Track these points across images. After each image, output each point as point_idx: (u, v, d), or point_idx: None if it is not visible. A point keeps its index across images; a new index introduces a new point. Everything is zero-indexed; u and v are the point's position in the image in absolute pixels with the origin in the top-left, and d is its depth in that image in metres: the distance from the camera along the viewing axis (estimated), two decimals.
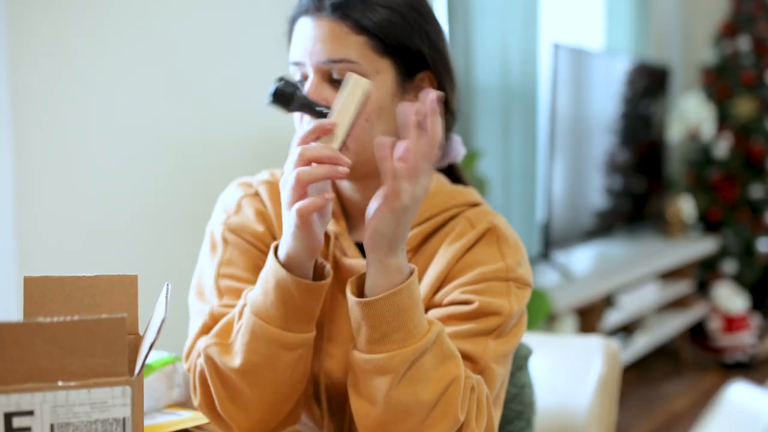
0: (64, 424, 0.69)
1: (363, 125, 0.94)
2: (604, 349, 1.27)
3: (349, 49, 0.94)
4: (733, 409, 0.48)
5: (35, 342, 0.69)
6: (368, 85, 0.91)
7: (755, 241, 3.87)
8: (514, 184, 3.02)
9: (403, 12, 0.97)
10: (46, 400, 0.69)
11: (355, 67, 0.94)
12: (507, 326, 0.96)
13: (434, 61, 0.99)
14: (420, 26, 0.98)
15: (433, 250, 1.00)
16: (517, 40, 2.96)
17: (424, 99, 0.84)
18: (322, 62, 0.95)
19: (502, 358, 0.96)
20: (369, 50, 0.95)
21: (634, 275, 3.14)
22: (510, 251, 0.99)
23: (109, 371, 0.71)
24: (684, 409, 3.27)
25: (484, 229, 1.00)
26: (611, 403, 1.26)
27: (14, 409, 0.68)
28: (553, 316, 2.67)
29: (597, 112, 3.35)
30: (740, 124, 3.89)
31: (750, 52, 3.89)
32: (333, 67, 0.94)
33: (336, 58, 0.94)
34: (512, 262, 0.99)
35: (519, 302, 0.98)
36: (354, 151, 0.95)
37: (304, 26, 0.97)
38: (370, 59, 0.95)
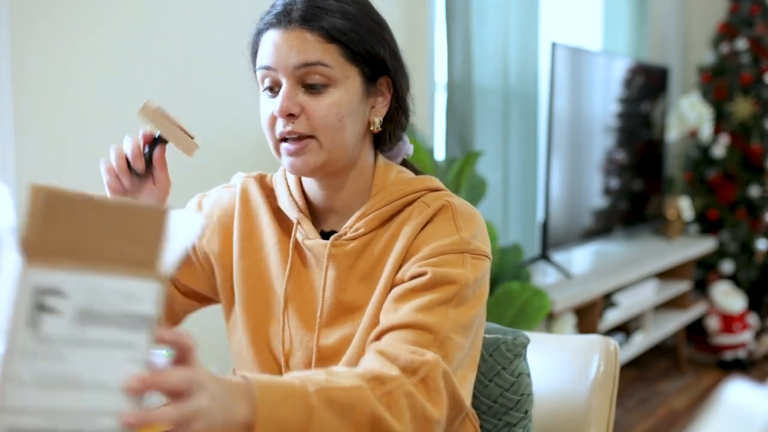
0: (93, 311, 0.64)
1: (336, 125, 1.01)
2: (602, 348, 1.28)
3: (322, 54, 1.01)
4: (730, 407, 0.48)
5: (86, 217, 0.65)
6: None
7: (753, 240, 3.88)
8: (513, 184, 3.03)
9: (365, 22, 1.05)
10: (81, 283, 0.64)
11: (328, 71, 1.01)
12: (465, 295, 0.99)
13: (393, 67, 1.07)
14: (379, 35, 1.07)
15: (395, 233, 1.05)
16: (517, 41, 2.97)
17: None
18: (297, 66, 1.01)
19: (462, 329, 0.97)
20: (339, 57, 1.02)
21: (632, 275, 3.15)
22: (465, 224, 1.03)
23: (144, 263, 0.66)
24: (682, 407, 3.28)
25: (439, 206, 1.05)
26: (610, 402, 1.27)
27: (46, 286, 0.63)
28: (552, 316, 2.68)
29: (596, 112, 3.36)
30: (738, 125, 3.90)
31: (748, 53, 3.89)
32: (308, 71, 1.01)
33: (311, 61, 1.00)
34: (467, 234, 1.02)
35: (475, 272, 1.00)
36: (327, 149, 1.02)
37: (274, 36, 1.03)
38: (340, 65, 1.02)
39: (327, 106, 1.01)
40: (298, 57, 1.00)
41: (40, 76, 1.72)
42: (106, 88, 1.84)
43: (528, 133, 3.09)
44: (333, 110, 1.01)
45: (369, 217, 1.06)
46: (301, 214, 1.10)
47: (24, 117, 1.69)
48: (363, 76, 1.04)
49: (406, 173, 1.11)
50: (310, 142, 1.02)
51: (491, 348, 1.20)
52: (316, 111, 1.01)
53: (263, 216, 1.14)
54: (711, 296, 3.83)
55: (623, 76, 3.53)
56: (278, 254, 1.11)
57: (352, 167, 1.08)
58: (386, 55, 1.06)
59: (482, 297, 1.02)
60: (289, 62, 1.01)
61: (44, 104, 1.73)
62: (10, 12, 1.64)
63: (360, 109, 1.05)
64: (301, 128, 1.02)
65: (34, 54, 1.70)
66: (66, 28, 1.76)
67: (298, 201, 1.11)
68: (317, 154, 1.03)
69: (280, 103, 1.01)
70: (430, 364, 0.91)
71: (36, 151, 1.71)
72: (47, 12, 1.72)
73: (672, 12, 4.21)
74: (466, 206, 1.07)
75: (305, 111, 1.01)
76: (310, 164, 1.03)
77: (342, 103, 1.02)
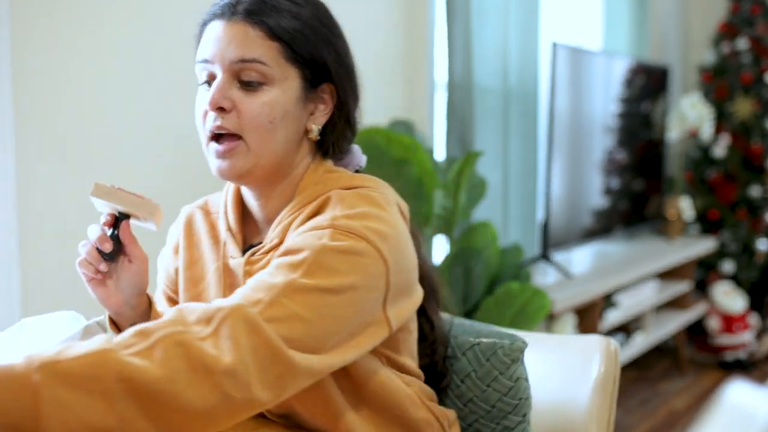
0: None
1: (266, 126, 0.98)
2: (603, 349, 1.27)
3: (262, 51, 0.98)
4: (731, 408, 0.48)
5: None
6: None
7: (754, 240, 3.88)
8: (513, 184, 3.03)
9: (314, 25, 1.01)
10: None
11: (265, 69, 0.98)
12: (315, 263, 0.90)
13: (338, 75, 1.03)
14: (328, 40, 1.03)
15: None
16: (517, 41, 2.96)
17: None
18: (234, 61, 0.98)
19: (304, 297, 0.88)
20: (279, 56, 0.98)
21: (633, 275, 3.14)
22: (342, 208, 0.96)
23: None
24: (683, 408, 3.28)
25: (323, 198, 1.00)
26: (610, 402, 1.26)
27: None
28: (553, 316, 2.67)
29: (596, 112, 3.36)
30: (739, 125, 3.90)
31: (749, 53, 3.89)
32: (244, 66, 0.98)
33: (248, 57, 0.97)
34: (339, 214, 0.95)
35: (335, 243, 0.91)
36: (255, 153, 0.99)
37: (217, 28, 1.00)
38: (279, 64, 0.99)
39: (260, 104, 0.98)
40: (236, 51, 0.97)
41: (40, 76, 1.72)
42: (106, 88, 1.84)
43: (528, 133, 3.09)
44: (265, 110, 0.98)
45: (283, 224, 1.02)
46: (228, 233, 1.08)
47: (24, 117, 1.69)
48: (303, 79, 1.01)
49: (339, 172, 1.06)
50: (239, 145, 0.99)
51: (488, 353, 1.19)
52: (248, 109, 0.98)
53: (205, 244, 1.12)
54: (711, 296, 3.83)
55: (623, 76, 3.53)
56: (216, 282, 1.09)
57: (285, 175, 1.04)
58: (331, 61, 1.02)
59: (348, 275, 0.90)
60: (227, 56, 0.98)
61: (44, 104, 1.73)
62: (10, 12, 1.64)
63: (295, 113, 1.01)
64: (230, 124, 0.98)
65: (34, 54, 1.70)
66: (66, 28, 1.75)
67: (230, 218, 1.09)
68: (244, 158, 0.99)
69: (211, 95, 0.98)
70: (225, 310, 0.82)
71: (36, 151, 1.71)
72: (47, 12, 1.72)
73: (672, 12, 4.21)
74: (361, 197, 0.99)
75: (237, 107, 0.98)
76: (236, 168, 1.00)
77: (276, 103, 0.98)
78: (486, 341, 1.20)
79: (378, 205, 0.99)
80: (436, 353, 1.19)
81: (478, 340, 1.21)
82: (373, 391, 1.05)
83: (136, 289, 1.07)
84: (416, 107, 2.70)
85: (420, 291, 1.06)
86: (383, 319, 0.97)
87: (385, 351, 1.07)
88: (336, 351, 0.91)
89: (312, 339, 0.88)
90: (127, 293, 1.06)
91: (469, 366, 1.20)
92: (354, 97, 1.07)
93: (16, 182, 1.67)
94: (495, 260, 2.47)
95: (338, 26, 1.06)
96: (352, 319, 0.92)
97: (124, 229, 1.04)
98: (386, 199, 1.02)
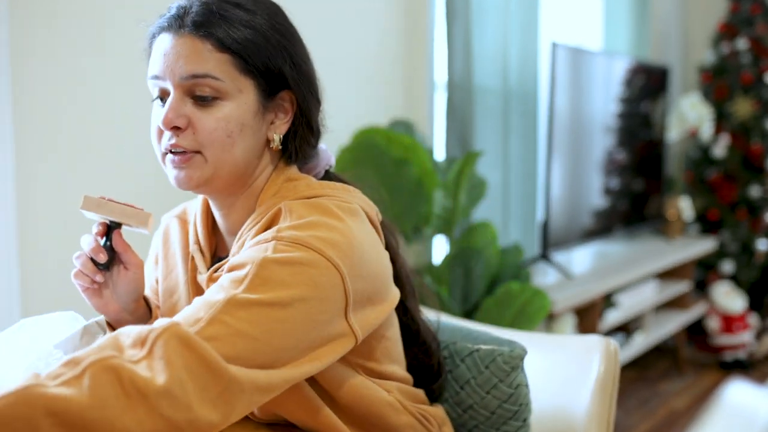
0: None
1: (224, 140, 0.95)
2: (603, 349, 1.27)
3: (213, 65, 0.94)
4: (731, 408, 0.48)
5: None
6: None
7: (754, 241, 3.88)
8: (513, 184, 3.03)
9: (266, 33, 0.97)
10: None
11: (217, 83, 0.94)
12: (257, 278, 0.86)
13: (296, 82, 1.00)
14: (283, 47, 0.99)
15: None
16: (517, 41, 2.96)
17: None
18: (185, 77, 0.95)
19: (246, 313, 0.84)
20: (232, 68, 0.95)
21: (633, 275, 3.14)
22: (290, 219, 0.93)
23: None
24: (683, 408, 3.28)
25: (274, 211, 0.97)
26: (610, 402, 1.26)
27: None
28: (552, 316, 2.67)
29: (596, 112, 3.36)
30: (739, 125, 3.90)
31: (748, 53, 3.89)
32: (196, 82, 0.94)
33: (199, 73, 0.94)
34: (284, 226, 0.92)
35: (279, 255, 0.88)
36: (213, 165, 0.96)
37: (165, 42, 0.97)
38: (232, 77, 0.95)
39: (215, 120, 0.95)
40: (186, 67, 0.94)
41: (40, 76, 1.71)
42: (106, 88, 1.84)
43: (528, 133, 3.09)
44: (221, 125, 0.95)
45: (243, 238, 0.98)
46: (196, 246, 1.07)
47: (24, 117, 1.69)
48: (259, 89, 0.97)
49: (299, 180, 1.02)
50: (195, 157, 0.96)
51: (487, 360, 1.19)
52: (204, 125, 0.95)
53: (178, 256, 1.11)
54: (711, 296, 3.83)
55: (623, 76, 3.53)
56: (186, 294, 1.08)
57: (246, 185, 1.02)
58: (287, 69, 0.99)
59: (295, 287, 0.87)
60: (177, 72, 0.95)
61: (44, 104, 1.73)
62: (10, 12, 1.64)
63: (254, 124, 0.98)
64: (186, 143, 0.96)
65: (34, 54, 1.70)
66: (66, 28, 1.75)
67: (199, 231, 1.07)
68: (201, 169, 0.96)
69: (165, 114, 0.95)
70: (157, 330, 0.79)
71: (36, 151, 1.71)
72: (47, 12, 1.72)
73: (672, 12, 4.21)
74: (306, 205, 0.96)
75: (192, 124, 0.95)
76: (193, 178, 0.97)
77: (231, 117, 0.95)
78: (485, 348, 1.19)
79: (330, 213, 0.95)
80: (430, 354, 1.18)
81: (477, 346, 1.20)
82: (350, 400, 1.03)
83: (132, 295, 1.06)
84: (416, 107, 2.70)
85: (394, 295, 1.03)
86: (347, 329, 0.93)
87: (358, 360, 1.04)
88: (292, 365, 0.87)
89: (261, 355, 0.84)
90: (123, 300, 1.06)
91: (468, 373, 1.20)
92: (315, 101, 1.04)
93: (16, 182, 1.67)
94: (495, 260, 2.47)
95: (295, 31, 1.03)
96: (309, 332, 0.88)
97: (117, 238, 1.03)
98: (343, 207, 0.98)
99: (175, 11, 0.97)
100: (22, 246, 1.70)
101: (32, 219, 1.71)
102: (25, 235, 1.70)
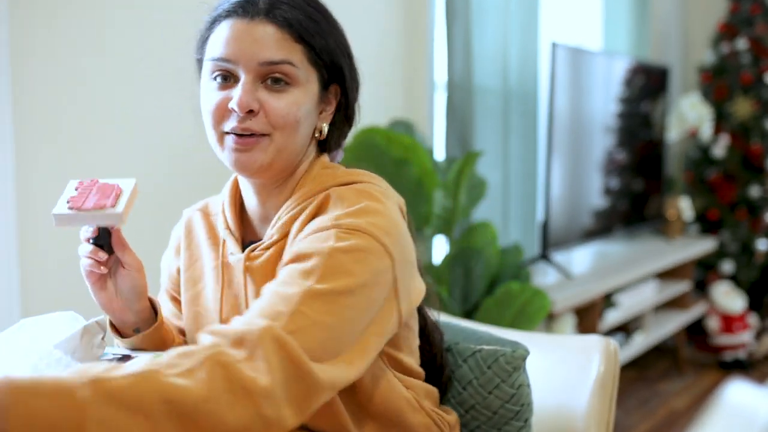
0: None
1: (293, 124, 0.98)
2: (602, 349, 1.27)
3: (291, 53, 0.97)
4: (730, 407, 0.48)
5: None
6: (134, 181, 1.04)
7: (753, 241, 3.88)
8: (513, 184, 3.03)
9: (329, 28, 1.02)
10: None
11: (293, 70, 0.98)
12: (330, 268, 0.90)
13: (349, 77, 1.05)
14: (342, 43, 1.04)
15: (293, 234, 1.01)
16: (517, 41, 2.96)
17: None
18: (263, 63, 0.97)
19: (322, 303, 0.88)
20: (304, 58, 0.99)
21: (633, 275, 3.15)
22: (342, 207, 0.97)
23: None
24: (682, 408, 3.28)
25: (322, 198, 1.00)
26: (610, 402, 1.26)
27: None
28: (552, 316, 2.67)
29: (596, 112, 3.36)
30: (738, 125, 3.90)
31: (748, 53, 3.89)
32: (273, 68, 0.97)
33: (278, 59, 0.97)
34: (341, 213, 0.96)
35: (342, 244, 0.92)
36: (277, 148, 0.99)
37: (234, 27, 0.98)
38: (304, 67, 0.99)
39: (287, 104, 0.98)
40: (264, 53, 0.96)
41: (40, 76, 1.72)
42: (106, 88, 1.84)
43: (528, 133, 3.09)
44: (293, 109, 0.98)
45: (282, 220, 1.02)
46: (227, 231, 1.09)
47: (24, 117, 1.69)
48: (320, 81, 1.02)
49: (333, 168, 1.07)
50: (262, 140, 0.99)
51: (490, 360, 1.19)
52: (276, 109, 0.98)
53: (203, 246, 1.13)
54: (711, 296, 3.83)
55: (623, 76, 3.53)
56: (214, 280, 1.10)
57: (292, 173, 1.05)
58: (345, 65, 1.04)
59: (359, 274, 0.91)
60: (253, 57, 0.97)
61: (44, 104, 1.73)
62: (10, 12, 1.64)
63: (312, 113, 1.02)
64: (258, 126, 0.98)
65: (34, 54, 1.70)
66: (66, 28, 1.75)
67: (228, 217, 1.09)
68: (265, 152, 0.99)
69: (240, 97, 0.97)
70: (255, 333, 0.83)
71: (36, 151, 1.71)
72: (47, 12, 1.72)
73: (672, 12, 4.21)
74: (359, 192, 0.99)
75: (264, 108, 0.98)
76: (257, 162, 0.99)
77: (300, 103, 0.99)
78: (487, 348, 1.19)
79: (377, 199, 0.99)
80: (433, 343, 1.19)
81: (480, 347, 1.20)
82: (378, 402, 1.05)
83: (134, 293, 1.08)
84: (416, 107, 2.70)
85: (422, 283, 1.06)
86: (396, 313, 0.97)
87: (387, 349, 1.07)
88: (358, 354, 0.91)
89: (336, 342, 0.88)
90: (126, 297, 1.08)
91: (471, 373, 1.20)
92: (355, 94, 1.08)
93: (16, 182, 1.68)
94: (495, 260, 2.47)
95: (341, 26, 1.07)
96: (371, 317, 0.93)
97: (115, 238, 1.05)
98: (384, 193, 1.02)
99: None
100: (22, 246, 1.70)
101: (32, 219, 1.71)
102: (25, 235, 1.70)
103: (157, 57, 1.94)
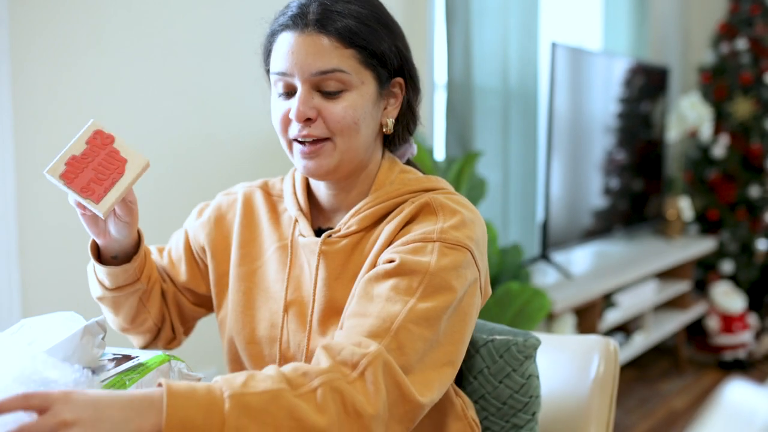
0: None
1: (351, 127, 1.03)
2: (602, 349, 1.28)
3: (340, 60, 1.01)
4: (730, 407, 0.48)
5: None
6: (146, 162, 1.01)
7: (753, 240, 3.88)
8: (513, 184, 3.03)
9: (379, 26, 1.04)
10: None
11: (345, 76, 1.01)
12: (433, 285, 0.96)
13: (406, 70, 1.08)
14: (393, 39, 1.06)
15: (378, 232, 1.05)
16: (517, 41, 2.97)
17: None
18: (314, 74, 1.01)
19: (425, 320, 0.94)
20: (355, 62, 1.02)
21: (632, 275, 3.15)
22: (445, 217, 1.02)
23: None
24: (682, 407, 3.28)
25: (421, 203, 1.04)
26: (610, 402, 1.27)
27: None
28: (552, 316, 2.68)
29: (596, 112, 3.36)
30: (738, 125, 3.90)
31: (748, 53, 3.89)
32: (324, 78, 1.01)
33: (327, 68, 1.01)
34: (446, 225, 1.01)
35: (445, 260, 0.97)
36: (341, 151, 1.03)
37: (289, 40, 1.02)
38: (356, 70, 1.02)
39: (342, 108, 1.02)
40: (315, 64, 1.00)
41: (40, 76, 1.72)
42: (106, 89, 1.84)
43: (528, 133, 3.09)
44: (349, 113, 1.02)
45: (362, 214, 1.06)
46: (300, 212, 1.12)
47: (24, 117, 1.69)
48: (377, 79, 1.05)
49: (412, 173, 1.11)
50: (326, 145, 1.03)
51: (502, 349, 1.20)
52: (333, 114, 1.02)
53: (265, 224, 1.16)
54: (711, 296, 3.83)
55: (623, 76, 3.54)
56: (278, 259, 1.12)
57: (363, 169, 1.09)
58: (399, 58, 1.06)
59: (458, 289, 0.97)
60: (305, 68, 1.01)
61: (44, 104, 1.73)
62: (10, 12, 1.64)
63: (373, 112, 1.05)
64: (317, 131, 1.03)
65: (34, 54, 1.70)
66: (66, 29, 1.75)
67: (300, 199, 1.13)
68: (330, 156, 1.04)
69: (297, 108, 1.01)
70: (369, 356, 0.88)
71: (36, 151, 1.71)
72: (47, 12, 1.72)
73: (672, 12, 4.21)
74: (453, 201, 1.05)
75: (321, 114, 1.02)
76: (323, 166, 1.04)
77: (357, 106, 1.02)
78: (500, 338, 1.21)
79: (471, 209, 1.05)
80: None
81: (492, 337, 1.22)
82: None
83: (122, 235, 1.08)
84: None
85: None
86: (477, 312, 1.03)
87: None
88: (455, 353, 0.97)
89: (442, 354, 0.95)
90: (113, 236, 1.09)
91: (483, 362, 1.21)
92: (416, 88, 1.11)
93: (16, 182, 1.68)
94: (495, 260, 2.48)
95: (395, 20, 1.09)
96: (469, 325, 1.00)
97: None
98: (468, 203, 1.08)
99: (296, 10, 1.03)
100: (22, 246, 1.70)
101: (32, 219, 1.71)
102: (25, 235, 1.70)
103: (157, 57, 1.94)
